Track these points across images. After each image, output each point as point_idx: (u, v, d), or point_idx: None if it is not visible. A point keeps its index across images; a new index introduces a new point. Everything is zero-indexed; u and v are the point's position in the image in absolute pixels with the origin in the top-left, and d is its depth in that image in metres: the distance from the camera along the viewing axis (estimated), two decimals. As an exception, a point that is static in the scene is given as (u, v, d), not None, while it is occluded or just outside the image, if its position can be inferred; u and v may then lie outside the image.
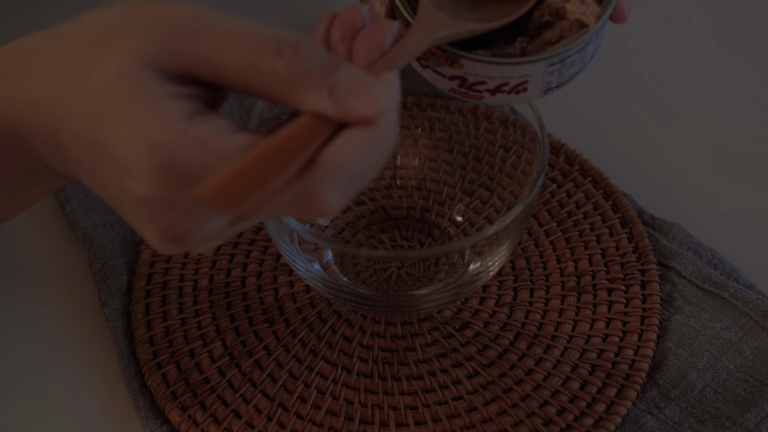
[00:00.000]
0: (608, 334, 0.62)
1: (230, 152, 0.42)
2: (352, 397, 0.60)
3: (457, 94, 0.54)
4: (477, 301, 0.64)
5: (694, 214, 0.69)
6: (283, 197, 0.42)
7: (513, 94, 0.53)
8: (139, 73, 0.43)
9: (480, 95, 0.53)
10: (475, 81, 0.53)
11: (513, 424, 0.58)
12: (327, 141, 0.42)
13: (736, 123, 0.74)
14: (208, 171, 0.42)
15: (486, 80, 0.52)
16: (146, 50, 0.43)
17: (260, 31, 0.43)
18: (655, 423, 0.59)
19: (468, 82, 0.53)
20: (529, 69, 0.52)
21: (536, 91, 0.54)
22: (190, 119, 0.43)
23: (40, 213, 0.69)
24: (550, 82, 0.53)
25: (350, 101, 0.42)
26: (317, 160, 0.42)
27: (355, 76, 0.43)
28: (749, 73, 0.78)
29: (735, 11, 0.82)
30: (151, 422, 0.59)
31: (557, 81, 0.54)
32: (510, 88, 0.53)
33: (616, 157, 0.72)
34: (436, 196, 0.68)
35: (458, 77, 0.53)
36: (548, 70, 0.53)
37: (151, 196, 0.42)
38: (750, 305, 0.62)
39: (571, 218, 0.67)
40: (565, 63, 0.53)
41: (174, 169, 0.42)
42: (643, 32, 0.81)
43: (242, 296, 0.64)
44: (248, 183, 0.40)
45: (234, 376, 0.61)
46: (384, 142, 0.44)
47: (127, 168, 0.42)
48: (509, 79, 0.52)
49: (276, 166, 0.41)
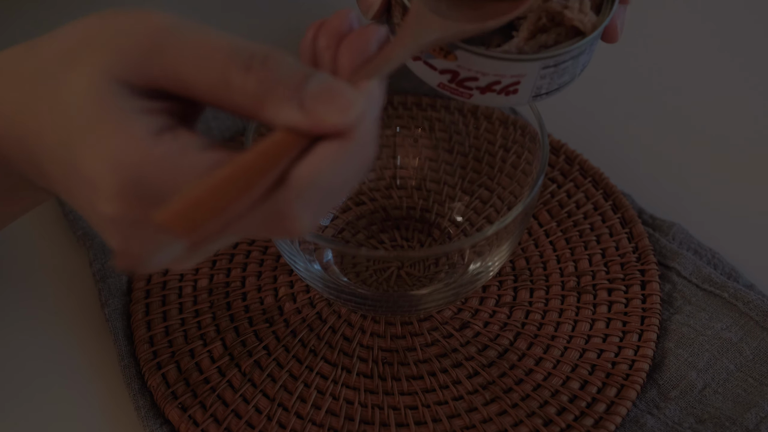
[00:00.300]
0: (608, 334, 0.62)
1: (198, 170, 0.41)
2: (352, 397, 0.60)
3: (445, 90, 0.53)
4: (477, 301, 0.64)
5: (694, 214, 0.69)
6: (252, 217, 0.41)
7: (503, 95, 0.53)
8: (107, 88, 0.42)
9: (469, 93, 0.53)
10: (466, 76, 0.52)
11: (513, 424, 0.58)
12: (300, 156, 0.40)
13: (737, 123, 0.74)
14: (175, 190, 0.40)
15: (478, 76, 0.52)
16: (115, 65, 0.42)
17: (231, 44, 0.42)
18: (655, 423, 0.59)
19: (459, 77, 0.52)
20: (523, 68, 0.52)
21: (525, 95, 0.53)
22: (158, 136, 0.41)
23: (40, 213, 0.69)
24: (540, 87, 0.53)
25: (320, 110, 0.40)
26: (287, 177, 0.40)
27: (327, 83, 0.41)
28: (750, 73, 0.78)
29: (735, 11, 0.82)
30: (151, 422, 0.59)
31: (547, 87, 0.53)
32: (501, 87, 0.52)
33: (616, 157, 0.72)
34: (436, 196, 0.68)
35: (450, 71, 0.52)
36: (541, 73, 0.52)
37: (116, 216, 0.42)
38: (750, 305, 0.62)
39: (571, 218, 0.67)
40: (558, 68, 0.52)
41: (140, 189, 0.41)
42: (643, 32, 0.81)
43: (242, 296, 0.64)
44: (209, 207, 0.39)
45: (234, 376, 0.61)
46: (360, 156, 0.42)
47: (94, 186, 0.42)
48: (502, 77, 0.52)
49: (241, 187, 0.39)
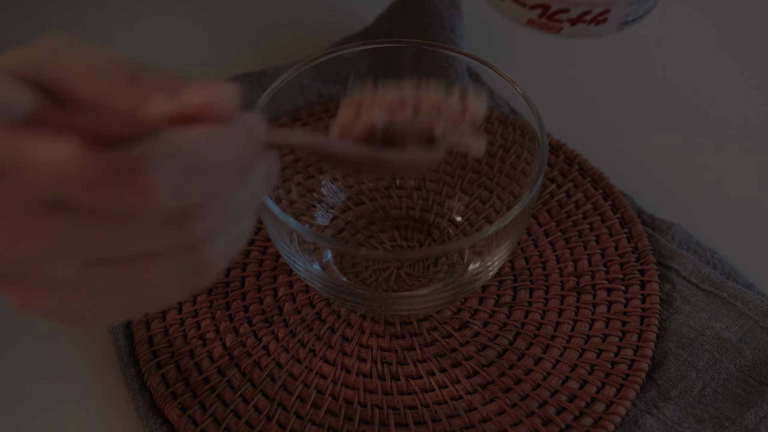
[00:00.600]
0: (607, 334, 0.62)
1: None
2: (351, 397, 0.60)
3: (534, 26, 0.52)
4: (476, 301, 0.64)
5: (693, 214, 0.69)
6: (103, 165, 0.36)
7: (593, 24, 0.52)
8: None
9: (560, 26, 0.52)
10: (558, 9, 0.51)
11: (512, 424, 0.59)
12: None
13: (737, 123, 0.74)
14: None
15: (570, 7, 0.51)
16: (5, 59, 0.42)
17: (122, 59, 0.42)
18: (654, 423, 0.59)
19: (551, 10, 0.52)
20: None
21: (614, 23, 0.52)
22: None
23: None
24: (628, 14, 0.52)
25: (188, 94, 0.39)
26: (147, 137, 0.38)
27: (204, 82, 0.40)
28: (750, 73, 0.78)
29: (736, 11, 0.82)
30: (151, 422, 0.59)
31: (635, 14, 0.52)
32: (592, 17, 0.52)
33: (616, 157, 0.72)
34: (436, 196, 0.68)
35: (541, 5, 0.51)
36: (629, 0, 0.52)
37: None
38: (749, 305, 0.62)
39: (570, 218, 0.67)
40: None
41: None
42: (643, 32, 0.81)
43: (241, 296, 0.64)
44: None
45: (233, 376, 0.61)
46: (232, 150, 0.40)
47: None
48: (594, 6, 0.51)
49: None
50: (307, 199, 0.66)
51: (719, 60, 0.79)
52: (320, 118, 0.70)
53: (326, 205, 0.67)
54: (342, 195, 0.67)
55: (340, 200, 0.67)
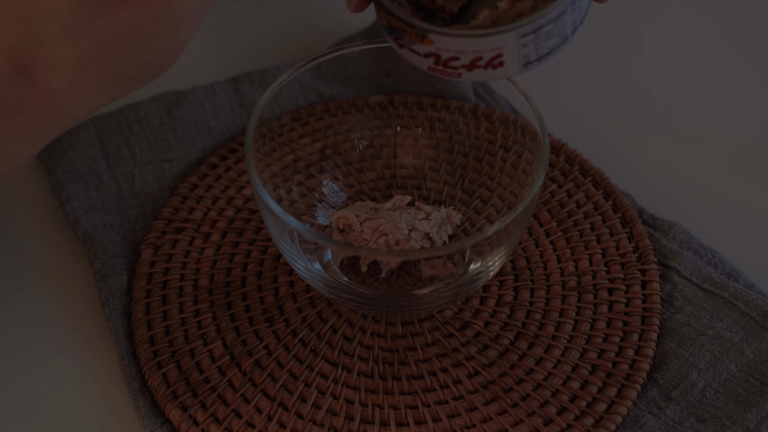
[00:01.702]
0: (609, 334, 0.62)
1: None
2: (352, 397, 0.60)
3: (435, 72, 0.53)
4: (477, 300, 0.64)
5: (694, 214, 0.69)
6: None
7: (490, 69, 0.52)
8: None
9: (457, 72, 0.53)
10: (449, 57, 0.52)
11: (513, 424, 0.58)
12: None
13: (737, 123, 0.74)
14: None
15: (459, 55, 0.52)
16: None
17: None
18: (655, 423, 0.59)
19: (442, 59, 0.52)
20: (499, 40, 0.51)
21: (514, 66, 0.52)
22: None
23: (40, 213, 0.69)
24: (527, 55, 0.52)
25: None
26: None
27: None
28: (750, 73, 0.78)
29: (736, 11, 0.82)
30: (152, 422, 0.59)
31: (536, 54, 0.52)
32: (485, 62, 0.52)
33: (616, 157, 0.72)
34: (437, 196, 0.68)
35: (432, 54, 0.52)
36: (521, 42, 0.51)
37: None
38: (751, 305, 0.62)
39: (571, 218, 0.67)
40: (539, 33, 0.51)
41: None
42: (643, 32, 0.81)
43: (242, 296, 0.64)
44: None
45: (234, 375, 0.61)
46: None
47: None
48: (482, 52, 0.51)
49: None
50: (307, 199, 0.66)
51: (720, 60, 0.79)
52: (321, 117, 0.70)
53: (327, 204, 0.67)
54: (343, 195, 0.67)
55: (341, 200, 0.67)
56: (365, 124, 0.69)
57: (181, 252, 0.66)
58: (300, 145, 0.67)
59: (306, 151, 0.67)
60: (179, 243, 0.66)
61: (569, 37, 0.53)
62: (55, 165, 0.69)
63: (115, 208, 0.68)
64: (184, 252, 0.66)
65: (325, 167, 0.67)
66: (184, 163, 0.71)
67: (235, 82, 0.74)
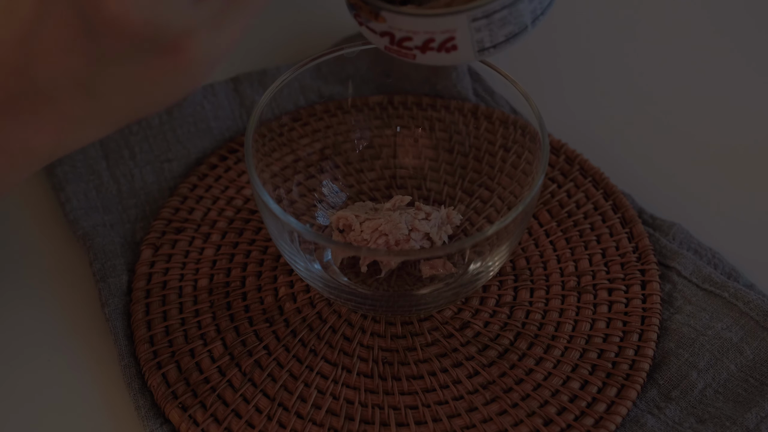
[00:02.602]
0: (609, 334, 0.62)
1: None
2: (352, 397, 0.60)
3: (391, 52, 0.53)
4: (477, 300, 0.64)
5: (694, 214, 0.69)
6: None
7: (443, 52, 0.52)
8: None
9: (411, 53, 0.52)
10: (402, 37, 0.52)
11: (513, 424, 0.58)
12: None
13: (737, 123, 0.74)
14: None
15: (411, 36, 0.51)
16: None
17: None
18: (655, 423, 0.59)
19: (396, 38, 0.52)
20: (449, 22, 0.50)
21: (468, 51, 0.52)
22: None
23: (40, 213, 0.69)
24: (481, 41, 0.52)
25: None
26: None
27: None
28: (750, 73, 0.78)
29: (735, 11, 0.82)
30: (152, 422, 0.59)
31: (491, 41, 0.52)
32: (438, 44, 0.52)
33: (616, 157, 0.72)
34: (437, 196, 0.68)
35: (387, 33, 0.52)
36: (474, 26, 0.51)
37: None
38: (750, 305, 0.62)
39: (571, 218, 0.67)
40: (492, 19, 0.51)
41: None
42: (643, 32, 0.81)
43: (242, 296, 0.64)
44: None
45: (234, 375, 0.61)
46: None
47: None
48: (433, 33, 0.51)
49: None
50: (307, 199, 0.66)
51: (720, 60, 0.79)
52: (321, 117, 0.70)
53: (327, 204, 0.67)
54: (342, 195, 0.67)
55: (341, 200, 0.67)
56: (365, 124, 0.69)
57: (180, 252, 0.66)
58: (300, 146, 0.67)
59: (306, 152, 0.67)
60: (179, 243, 0.66)
61: (528, 27, 0.52)
62: (55, 165, 0.69)
63: (114, 208, 0.68)
64: (183, 252, 0.66)
65: (324, 167, 0.67)
66: (184, 163, 0.71)
67: (235, 83, 0.74)
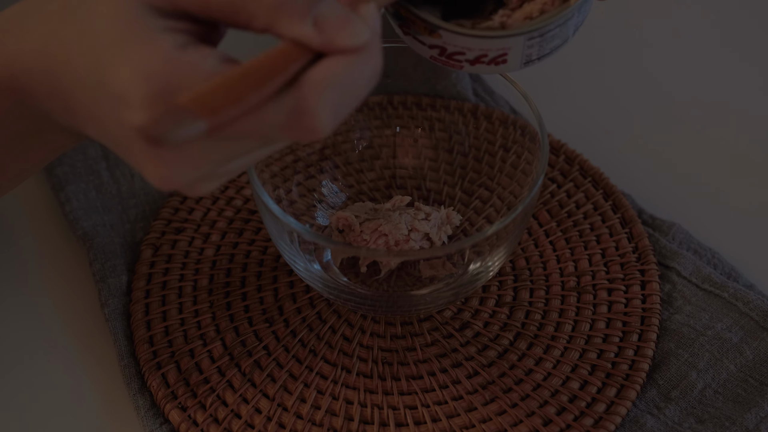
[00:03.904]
0: (608, 334, 0.62)
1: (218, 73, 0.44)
2: (351, 397, 0.60)
3: (437, 62, 0.54)
4: (477, 301, 0.64)
5: (694, 214, 0.69)
6: (272, 114, 0.44)
7: (492, 65, 0.54)
8: (134, 10, 0.45)
9: (459, 64, 0.54)
10: (454, 51, 0.53)
11: (512, 424, 0.58)
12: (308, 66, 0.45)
13: (737, 123, 0.74)
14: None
15: (465, 51, 0.53)
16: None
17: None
18: (655, 423, 0.59)
19: (447, 52, 0.53)
20: (507, 43, 0.52)
21: (516, 63, 0.54)
22: (183, 48, 0.45)
23: (40, 213, 0.69)
24: (530, 55, 0.54)
25: (334, 33, 0.44)
26: (304, 77, 0.44)
27: (338, 9, 0.45)
28: (750, 72, 0.78)
29: (735, 10, 0.82)
30: (151, 422, 0.59)
31: (537, 54, 0.54)
32: (489, 59, 0.53)
33: (616, 157, 0.72)
34: (436, 196, 0.68)
35: (438, 46, 0.53)
36: (527, 44, 0.53)
37: (146, 122, 0.44)
38: (750, 305, 0.62)
39: (570, 218, 0.67)
40: (545, 37, 0.53)
41: (167, 95, 0.44)
42: (643, 32, 0.81)
43: (242, 296, 0.64)
44: (226, 93, 0.43)
45: (234, 376, 0.61)
46: (369, 66, 0.46)
47: (124, 99, 0.44)
48: (488, 51, 0.53)
49: (253, 81, 0.44)
50: (307, 199, 0.66)
51: (720, 60, 0.79)
52: (321, 117, 0.70)
53: (326, 205, 0.67)
54: (342, 195, 0.67)
55: (341, 200, 0.67)
56: (364, 124, 0.69)
57: (180, 252, 0.66)
58: (300, 146, 0.67)
59: (305, 152, 0.67)
60: (179, 243, 0.66)
61: (569, 38, 0.54)
62: (55, 165, 0.69)
63: (114, 209, 0.68)
64: (183, 252, 0.66)
65: (324, 167, 0.67)
66: (184, 163, 0.70)
67: (235, 83, 0.74)
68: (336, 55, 0.45)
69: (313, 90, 0.44)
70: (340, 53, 0.44)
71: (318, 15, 0.45)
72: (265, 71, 0.44)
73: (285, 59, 0.44)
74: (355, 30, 0.45)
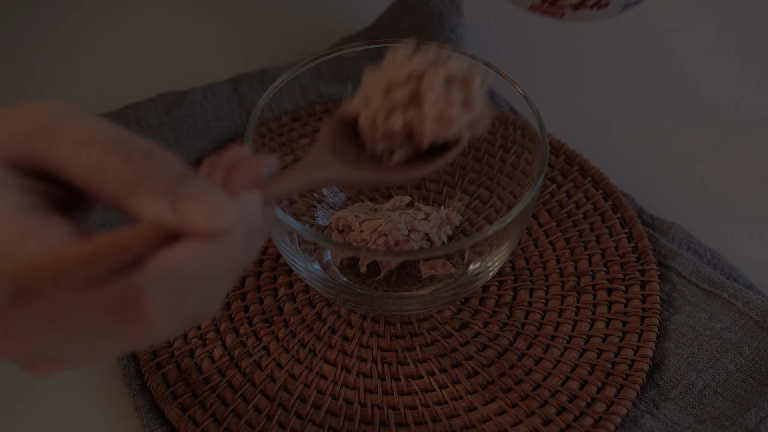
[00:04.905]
0: (608, 334, 0.62)
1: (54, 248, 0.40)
2: (351, 397, 0.60)
3: (537, 11, 0.53)
4: (477, 301, 0.64)
5: (694, 214, 0.69)
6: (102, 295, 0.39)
7: (594, 9, 0.52)
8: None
9: (562, 11, 0.53)
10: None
11: (512, 424, 0.59)
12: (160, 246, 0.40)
13: (736, 123, 0.74)
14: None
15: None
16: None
17: (117, 134, 0.42)
18: (654, 423, 0.59)
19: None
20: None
21: (617, 7, 0.53)
22: (26, 213, 0.41)
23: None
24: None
25: (190, 211, 0.40)
26: (147, 260, 0.39)
27: (202, 187, 0.41)
28: (750, 73, 0.78)
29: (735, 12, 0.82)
30: (151, 422, 0.59)
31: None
32: (594, 2, 0.52)
33: (616, 157, 0.72)
34: (436, 196, 0.68)
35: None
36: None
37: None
38: (750, 305, 0.62)
39: (570, 218, 0.67)
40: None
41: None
42: (644, 32, 0.81)
43: (241, 296, 0.64)
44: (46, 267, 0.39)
45: (234, 376, 0.61)
46: (226, 258, 0.41)
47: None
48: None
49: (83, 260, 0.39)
50: (307, 199, 0.66)
51: (720, 60, 0.79)
52: (320, 117, 0.70)
53: (326, 205, 0.67)
54: (342, 195, 0.67)
55: (340, 200, 0.67)
56: (365, 124, 0.69)
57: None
58: (299, 145, 0.67)
59: (305, 152, 0.67)
60: (179, 243, 0.66)
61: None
62: (55, 165, 0.69)
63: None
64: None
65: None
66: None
67: (235, 83, 0.74)
68: (190, 238, 0.40)
69: (151, 275, 0.39)
70: (194, 236, 0.40)
71: (179, 192, 0.40)
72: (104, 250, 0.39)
73: (132, 239, 0.40)
74: (215, 209, 0.40)
